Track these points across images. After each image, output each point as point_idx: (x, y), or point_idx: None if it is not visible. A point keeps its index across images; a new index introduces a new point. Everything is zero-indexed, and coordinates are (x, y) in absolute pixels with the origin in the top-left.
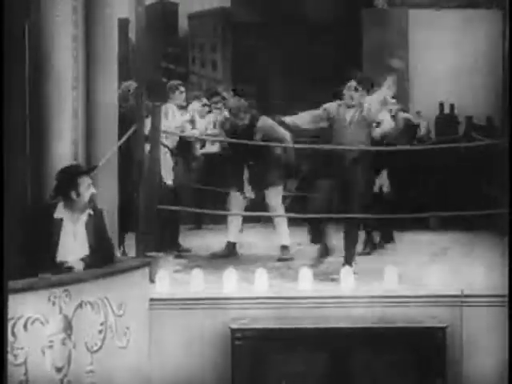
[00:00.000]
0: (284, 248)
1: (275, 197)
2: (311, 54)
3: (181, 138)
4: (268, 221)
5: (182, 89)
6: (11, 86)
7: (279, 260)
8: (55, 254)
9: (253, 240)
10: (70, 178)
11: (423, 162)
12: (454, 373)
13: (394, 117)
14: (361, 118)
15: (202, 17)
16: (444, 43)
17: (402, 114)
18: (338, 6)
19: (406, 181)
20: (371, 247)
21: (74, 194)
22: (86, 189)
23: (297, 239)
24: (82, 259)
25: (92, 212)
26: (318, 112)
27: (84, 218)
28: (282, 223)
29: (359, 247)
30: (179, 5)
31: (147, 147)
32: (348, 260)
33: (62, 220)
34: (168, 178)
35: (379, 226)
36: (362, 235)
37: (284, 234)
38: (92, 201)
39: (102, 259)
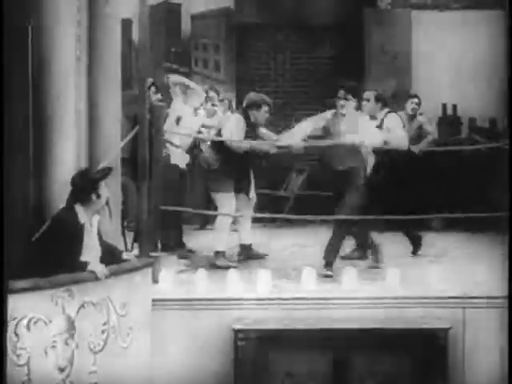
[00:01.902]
0: (218, 253)
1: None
2: (314, 54)
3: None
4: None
5: (202, 93)
6: (14, 86)
7: (218, 267)
8: (79, 258)
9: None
10: (90, 181)
11: (425, 163)
12: (456, 374)
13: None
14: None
15: (205, 17)
16: (447, 44)
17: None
18: (341, 7)
19: (407, 183)
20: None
21: (94, 197)
22: (103, 190)
23: (295, 240)
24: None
25: (109, 212)
26: (311, 124)
27: (97, 219)
28: (220, 229)
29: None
30: (182, 5)
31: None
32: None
33: (83, 224)
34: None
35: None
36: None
37: (219, 240)
38: (107, 202)
39: (112, 259)
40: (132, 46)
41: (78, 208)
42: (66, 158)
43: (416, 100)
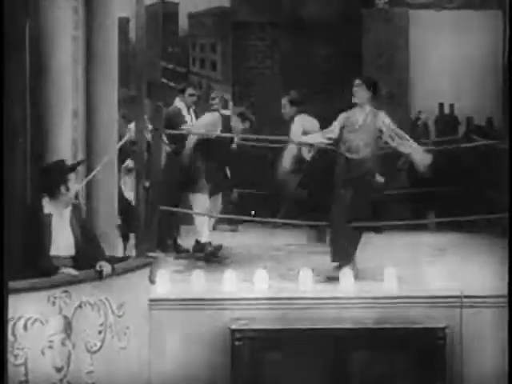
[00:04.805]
0: (198, 243)
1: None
2: (311, 53)
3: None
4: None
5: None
6: (12, 86)
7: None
8: (49, 249)
9: (249, 241)
10: (60, 173)
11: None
12: (453, 373)
13: None
14: (371, 122)
15: (202, 16)
16: (444, 43)
17: None
18: (339, 6)
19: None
20: None
21: (63, 189)
22: (73, 184)
23: (292, 240)
24: (72, 256)
25: (73, 206)
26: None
27: (68, 212)
28: (202, 222)
29: None
30: (179, 4)
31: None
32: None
33: (50, 215)
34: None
35: None
36: None
37: (202, 231)
38: (76, 195)
39: (90, 252)
40: (129, 45)
41: (45, 199)
42: (63, 157)
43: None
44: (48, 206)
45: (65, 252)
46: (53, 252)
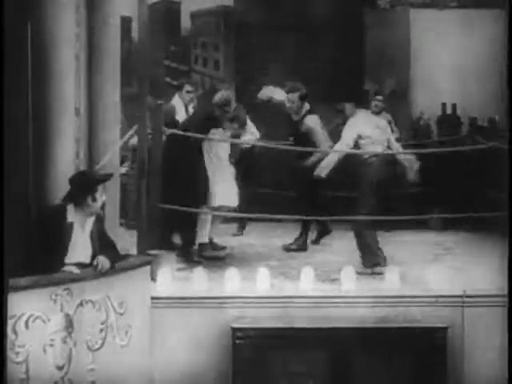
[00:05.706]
0: (201, 245)
1: None
2: (313, 53)
3: None
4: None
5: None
6: (14, 84)
7: (206, 258)
8: (64, 257)
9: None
10: (88, 183)
11: (425, 162)
12: (455, 373)
13: None
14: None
15: (204, 15)
16: (446, 43)
17: None
18: (340, 6)
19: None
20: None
21: (90, 199)
22: (101, 195)
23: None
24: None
25: (96, 216)
26: None
27: (91, 222)
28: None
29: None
30: (182, 3)
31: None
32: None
33: (72, 223)
34: None
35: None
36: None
37: (202, 233)
38: (103, 207)
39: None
40: (131, 44)
41: (70, 208)
42: (66, 156)
43: (379, 97)
44: (72, 214)
45: (80, 260)
46: (68, 260)
